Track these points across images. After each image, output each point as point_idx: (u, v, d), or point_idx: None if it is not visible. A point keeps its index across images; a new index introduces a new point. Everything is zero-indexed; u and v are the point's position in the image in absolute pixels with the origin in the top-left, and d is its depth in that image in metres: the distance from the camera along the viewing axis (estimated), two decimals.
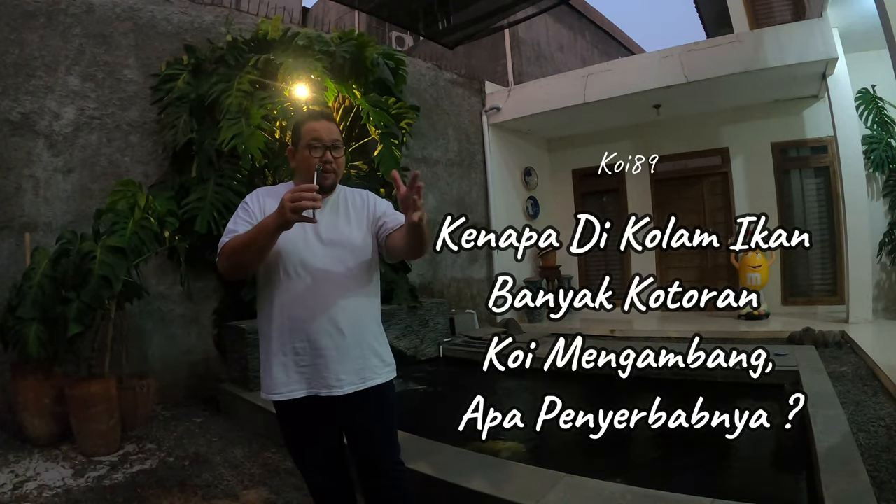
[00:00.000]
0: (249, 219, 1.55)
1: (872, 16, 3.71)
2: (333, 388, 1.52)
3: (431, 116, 6.55)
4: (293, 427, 1.62)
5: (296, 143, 1.61)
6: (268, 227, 1.39)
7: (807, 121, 6.53)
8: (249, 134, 3.87)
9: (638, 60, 6.90)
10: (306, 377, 1.53)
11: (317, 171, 1.50)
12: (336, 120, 5.13)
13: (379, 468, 1.65)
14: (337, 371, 1.53)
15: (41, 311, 3.01)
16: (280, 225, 1.36)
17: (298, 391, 1.53)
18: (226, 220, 3.93)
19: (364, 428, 1.62)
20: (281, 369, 1.54)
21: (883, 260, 5.78)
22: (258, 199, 1.61)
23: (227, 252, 1.49)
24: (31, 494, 2.53)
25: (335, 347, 1.53)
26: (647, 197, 7.64)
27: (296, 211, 1.30)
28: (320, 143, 1.55)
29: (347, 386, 1.54)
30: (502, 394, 4.38)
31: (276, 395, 1.55)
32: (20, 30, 3.69)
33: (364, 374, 1.57)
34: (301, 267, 1.53)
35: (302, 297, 1.52)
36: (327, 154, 1.56)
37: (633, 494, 1.90)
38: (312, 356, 1.52)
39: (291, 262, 1.52)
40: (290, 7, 7.09)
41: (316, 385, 1.53)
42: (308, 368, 1.53)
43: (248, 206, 1.59)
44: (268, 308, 1.58)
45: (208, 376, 4.28)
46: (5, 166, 3.58)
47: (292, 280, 1.53)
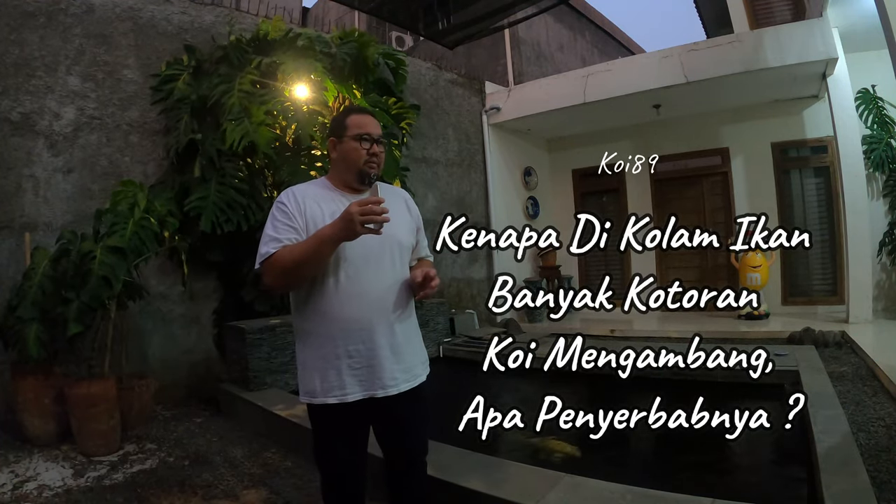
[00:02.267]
0: (290, 223, 1.48)
1: (872, 16, 3.71)
2: (389, 387, 1.52)
3: (431, 116, 6.55)
4: (335, 430, 1.57)
5: (338, 134, 1.57)
6: (330, 238, 1.37)
7: (807, 121, 6.53)
8: (254, 130, 3.88)
9: (638, 60, 6.90)
10: (360, 379, 1.50)
11: (371, 179, 1.52)
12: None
13: (417, 462, 1.67)
14: (392, 370, 1.52)
15: (41, 311, 3.01)
16: (344, 238, 1.36)
17: (353, 394, 1.50)
18: (228, 218, 3.94)
19: (411, 424, 1.63)
20: (334, 373, 1.49)
21: (883, 260, 5.77)
22: (296, 200, 1.53)
23: (278, 267, 1.43)
24: (31, 494, 2.53)
25: (389, 347, 1.52)
26: (647, 197, 7.65)
27: (363, 224, 1.31)
28: (370, 136, 1.54)
29: (402, 384, 1.54)
30: (502, 394, 4.38)
31: (332, 399, 1.49)
32: (20, 30, 3.69)
33: (414, 370, 1.59)
34: (353, 269, 1.50)
35: (355, 299, 1.49)
36: (374, 147, 1.55)
37: (633, 494, 1.90)
38: (368, 357, 1.50)
39: (344, 264, 1.49)
40: (290, 7, 7.09)
41: (372, 387, 1.51)
42: (363, 370, 1.50)
43: (287, 208, 1.51)
44: (315, 312, 1.52)
45: (208, 376, 4.28)
46: (5, 166, 3.58)
47: (342, 283, 1.49)
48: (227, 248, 4.20)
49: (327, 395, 1.50)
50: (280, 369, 3.83)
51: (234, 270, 4.29)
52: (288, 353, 3.90)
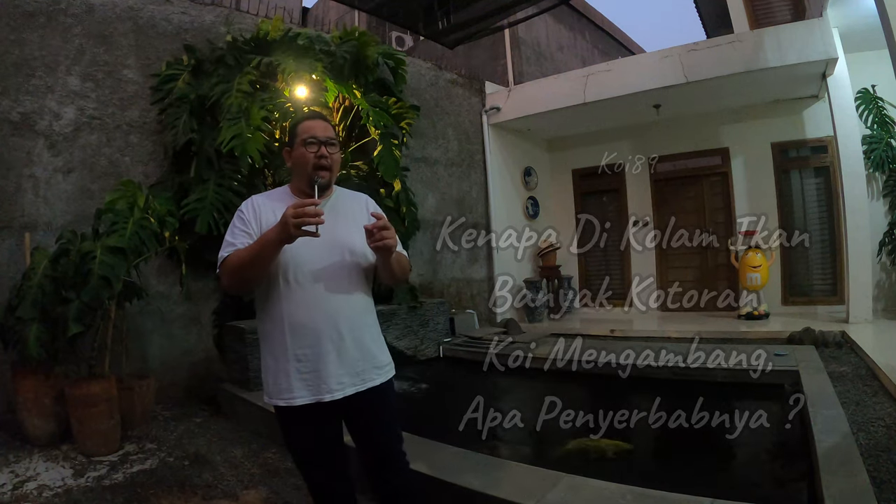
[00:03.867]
0: (246, 229, 1.55)
1: (872, 16, 3.70)
2: (335, 391, 1.53)
3: (431, 116, 6.55)
4: (296, 430, 1.61)
5: (292, 142, 1.62)
6: (270, 241, 1.40)
7: (807, 121, 6.53)
8: (250, 135, 3.87)
9: (638, 60, 6.90)
10: (308, 384, 1.52)
11: (315, 183, 1.52)
12: (335, 120, 5.10)
13: (389, 459, 1.67)
14: (338, 375, 1.53)
15: (41, 311, 3.00)
16: (283, 240, 1.37)
17: (301, 398, 1.52)
18: (226, 219, 3.94)
19: (367, 426, 1.63)
20: (283, 376, 1.53)
21: (883, 260, 5.77)
22: (253, 207, 1.60)
23: (229, 269, 1.50)
24: (31, 494, 2.53)
25: (336, 351, 1.53)
26: (647, 197, 7.64)
27: (299, 227, 1.32)
28: (315, 139, 1.57)
29: (348, 388, 1.54)
30: (503, 394, 4.38)
31: (280, 401, 1.54)
32: (20, 30, 3.69)
33: (364, 375, 1.58)
34: (302, 273, 1.52)
35: (302, 302, 1.52)
36: (322, 149, 1.57)
37: (633, 494, 1.90)
38: (314, 362, 1.52)
39: (292, 268, 1.52)
40: (290, 7, 7.09)
41: (319, 391, 1.52)
42: (310, 375, 1.52)
43: (244, 215, 1.58)
44: (267, 314, 1.57)
45: (208, 376, 4.28)
46: (5, 166, 3.58)
47: (291, 286, 1.53)
48: None
49: (278, 396, 1.55)
50: None
51: None
52: None
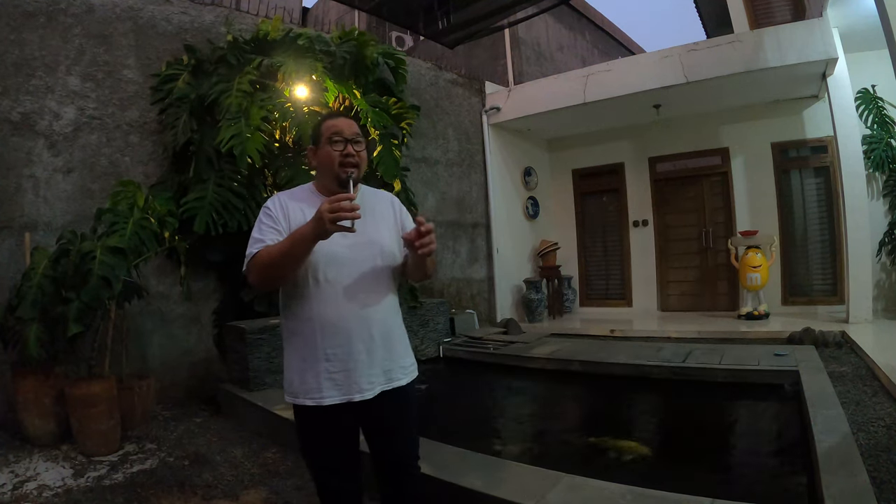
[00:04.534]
0: (275, 225, 1.52)
1: (872, 16, 3.71)
2: (365, 391, 1.51)
3: (431, 116, 6.55)
4: (317, 431, 1.58)
5: (316, 141, 1.60)
6: (304, 237, 1.37)
7: (807, 121, 6.53)
8: (249, 135, 3.87)
9: (638, 60, 6.90)
10: (338, 383, 1.51)
11: (347, 178, 1.49)
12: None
13: (404, 465, 1.66)
14: (369, 374, 1.52)
15: (41, 311, 3.01)
16: (317, 235, 1.35)
17: (331, 398, 1.50)
18: (225, 220, 3.94)
19: (389, 427, 1.62)
20: (312, 375, 1.51)
21: (883, 260, 5.77)
22: (280, 204, 1.57)
23: (259, 265, 1.46)
24: (31, 494, 2.53)
25: (366, 351, 1.52)
26: (648, 197, 7.64)
27: (334, 221, 1.30)
28: (341, 136, 1.55)
29: (378, 387, 1.54)
30: (503, 394, 4.38)
31: (308, 401, 1.51)
32: (20, 30, 3.69)
33: (391, 374, 1.57)
34: (333, 272, 1.51)
35: (333, 301, 1.51)
36: (349, 147, 1.55)
37: (633, 494, 1.90)
38: (344, 361, 1.50)
39: (323, 267, 1.50)
40: (290, 7, 7.10)
41: (349, 391, 1.51)
42: (340, 374, 1.51)
43: (272, 211, 1.56)
44: (295, 312, 1.55)
45: (208, 376, 4.28)
46: (5, 166, 3.58)
47: (321, 285, 1.50)
48: (227, 248, 4.20)
49: (306, 395, 1.52)
50: (280, 369, 3.78)
51: (234, 270, 4.28)
52: None
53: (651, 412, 3.75)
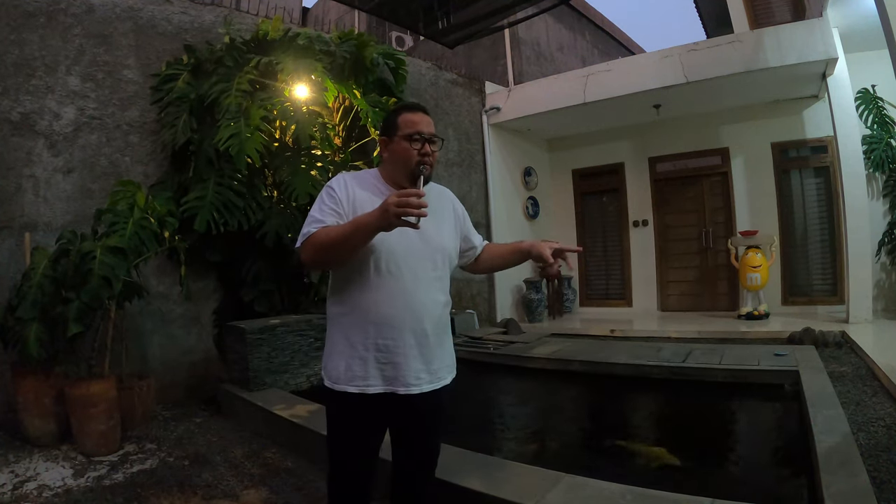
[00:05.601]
0: (337, 208, 1.49)
1: (872, 16, 3.71)
2: (412, 386, 1.50)
3: (431, 116, 6.53)
4: (352, 420, 1.56)
5: (389, 132, 1.56)
6: (366, 225, 1.34)
7: (807, 121, 6.54)
8: (248, 135, 3.86)
9: (638, 60, 6.90)
10: (385, 374, 1.50)
11: (421, 172, 1.47)
12: (335, 120, 5.06)
13: (427, 466, 1.66)
14: (418, 370, 1.51)
15: (41, 311, 3.01)
16: (380, 227, 1.33)
17: (375, 387, 1.49)
18: (225, 219, 3.94)
19: (429, 427, 1.63)
20: (359, 363, 1.50)
21: (883, 260, 5.78)
22: (346, 186, 1.53)
23: (315, 245, 1.43)
24: (31, 494, 2.53)
25: (418, 346, 1.51)
26: (648, 197, 7.65)
27: (399, 216, 1.27)
28: (421, 136, 1.51)
29: (426, 385, 1.53)
30: (503, 394, 4.38)
31: (352, 388, 1.49)
32: (20, 30, 3.69)
33: (440, 373, 1.57)
34: (395, 265, 1.49)
35: (392, 295, 1.49)
36: (426, 146, 1.51)
37: (633, 494, 1.90)
38: (395, 354, 1.49)
39: (385, 258, 1.48)
40: (290, 7, 7.10)
41: (395, 383, 1.50)
42: (389, 366, 1.50)
43: (336, 193, 1.51)
44: (350, 300, 1.52)
45: (208, 376, 4.28)
46: (5, 166, 3.58)
47: (383, 277, 1.48)
48: (227, 248, 4.20)
49: (349, 382, 1.50)
50: (280, 369, 3.83)
51: (234, 270, 4.29)
52: (288, 354, 3.90)
53: (652, 412, 3.75)
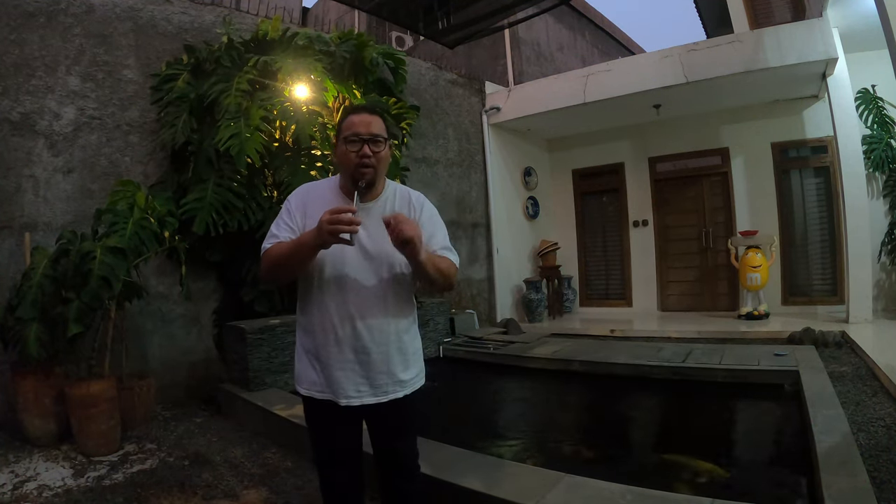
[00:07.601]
0: (290, 223, 1.52)
1: (872, 16, 3.71)
2: (352, 398, 1.51)
3: (431, 116, 6.55)
4: (313, 420, 1.62)
5: (337, 137, 1.56)
6: (305, 244, 1.38)
7: (807, 121, 6.53)
8: (248, 135, 3.86)
9: (638, 60, 6.90)
10: (327, 383, 1.53)
11: (358, 187, 1.44)
12: (335, 120, 5.08)
13: (403, 466, 1.67)
14: (357, 383, 1.51)
15: (41, 311, 3.01)
16: (317, 245, 1.35)
17: (319, 393, 1.54)
18: (225, 220, 3.94)
19: (386, 433, 1.63)
20: (310, 368, 1.56)
21: (883, 260, 5.78)
22: (300, 200, 1.56)
23: (267, 261, 1.49)
24: (31, 494, 2.53)
25: (358, 362, 1.51)
26: (647, 197, 7.65)
27: (333, 234, 1.29)
28: (357, 137, 1.47)
29: (367, 397, 1.52)
30: (503, 394, 4.38)
31: (301, 389, 1.58)
32: (20, 30, 3.69)
33: (386, 388, 1.54)
34: (334, 281, 1.49)
35: (331, 309, 1.50)
36: (364, 148, 1.46)
37: (633, 494, 1.90)
38: (332, 367, 1.51)
39: (325, 275, 1.49)
40: (290, 7, 7.10)
41: (335, 394, 1.51)
42: (328, 377, 1.52)
43: (290, 206, 1.55)
44: (302, 309, 1.59)
45: (208, 376, 4.28)
46: (5, 166, 3.58)
47: (323, 292, 1.50)
48: (227, 248, 4.20)
49: (301, 385, 1.59)
50: (280, 369, 3.83)
51: (234, 270, 4.29)
52: (287, 353, 3.90)
53: (651, 412, 3.75)
